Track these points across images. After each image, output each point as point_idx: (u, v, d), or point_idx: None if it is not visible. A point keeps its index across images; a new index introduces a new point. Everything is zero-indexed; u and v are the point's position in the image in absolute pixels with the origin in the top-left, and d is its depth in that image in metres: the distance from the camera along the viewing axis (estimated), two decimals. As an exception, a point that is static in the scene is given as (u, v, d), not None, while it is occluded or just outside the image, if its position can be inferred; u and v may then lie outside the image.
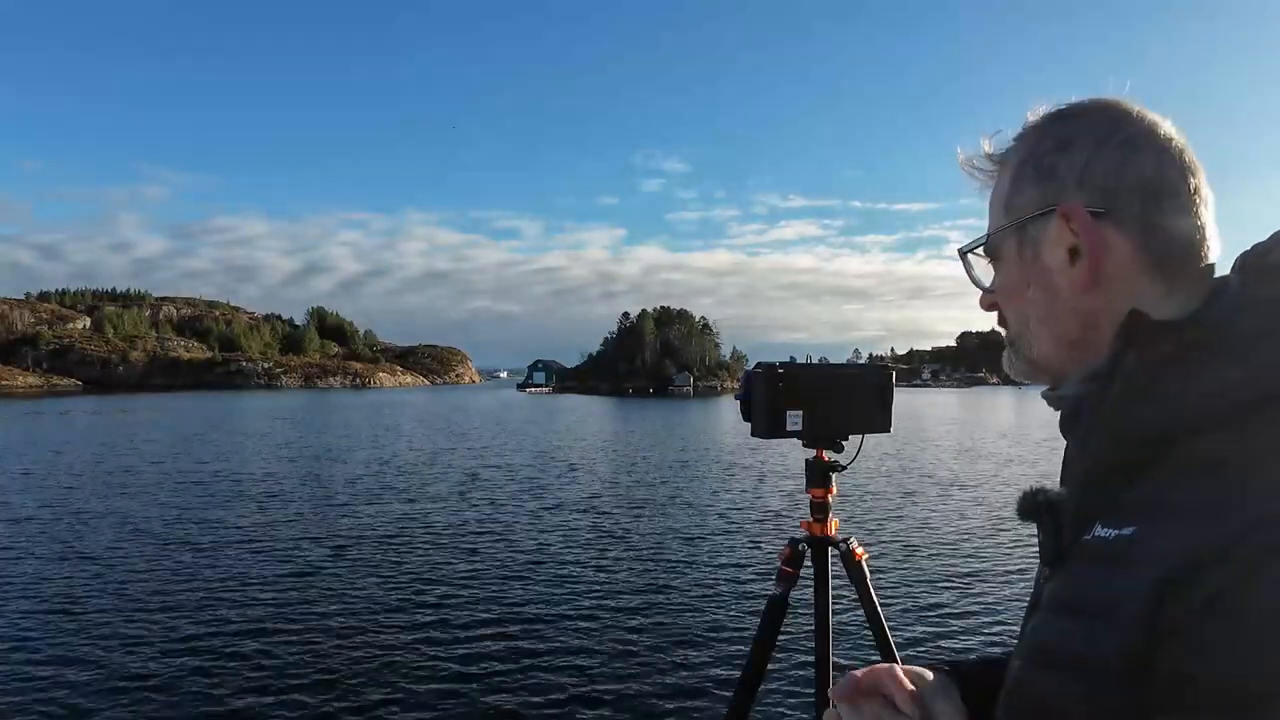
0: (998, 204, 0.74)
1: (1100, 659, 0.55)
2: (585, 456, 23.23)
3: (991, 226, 0.75)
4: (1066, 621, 0.60)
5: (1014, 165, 0.72)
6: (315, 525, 12.06)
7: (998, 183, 0.75)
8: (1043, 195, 0.69)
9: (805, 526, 2.17)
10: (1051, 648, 0.61)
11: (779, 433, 2.04)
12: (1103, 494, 0.62)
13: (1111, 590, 0.55)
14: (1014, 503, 0.72)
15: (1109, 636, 0.54)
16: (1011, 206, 0.72)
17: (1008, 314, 0.75)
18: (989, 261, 0.76)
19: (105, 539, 10.96)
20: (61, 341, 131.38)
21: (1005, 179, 0.73)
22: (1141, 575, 0.53)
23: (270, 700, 5.62)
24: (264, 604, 7.91)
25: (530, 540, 11.01)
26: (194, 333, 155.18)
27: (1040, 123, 0.72)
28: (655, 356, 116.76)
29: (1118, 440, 0.61)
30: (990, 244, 0.75)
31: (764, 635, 2.06)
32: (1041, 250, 0.69)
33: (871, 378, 2.19)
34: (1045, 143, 0.70)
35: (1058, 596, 0.63)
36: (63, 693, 5.72)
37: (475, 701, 5.64)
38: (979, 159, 0.76)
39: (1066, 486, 0.68)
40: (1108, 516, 0.60)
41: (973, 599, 8.11)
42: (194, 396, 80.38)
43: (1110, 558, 0.57)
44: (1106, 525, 0.60)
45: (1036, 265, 0.70)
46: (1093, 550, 0.60)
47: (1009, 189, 0.72)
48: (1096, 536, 0.60)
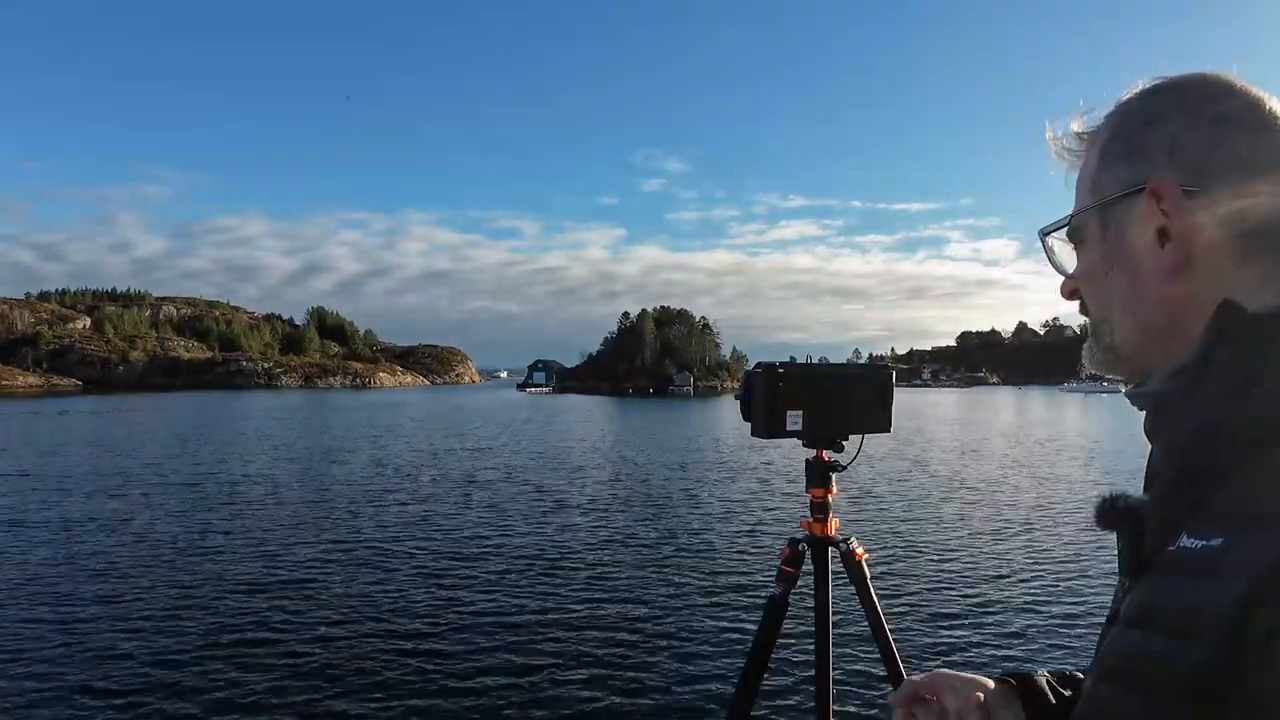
0: (1084, 184, 0.70)
1: (1178, 674, 0.51)
2: (585, 457, 23.23)
3: (1076, 207, 0.70)
4: (1144, 635, 0.56)
5: (1102, 142, 0.68)
6: (315, 525, 12.06)
7: (1085, 161, 0.70)
8: (1131, 173, 0.64)
9: (805, 526, 2.17)
10: (1126, 662, 0.57)
11: (779, 433, 2.04)
12: (1189, 502, 0.57)
13: (1195, 603, 0.52)
14: (1091, 509, 0.68)
15: (1189, 651, 0.51)
16: (1097, 186, 0.68)
17: (1089, 300, 0.71)
18: (1072, 246, 0.72)
19: (104, 539, 10.96)
20: (61, 341, 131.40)
21: (1093, 156, 0.69)
22: (1228, 587, 0.49)
23: (269, 700, 5.62)
24: (263, 604, 7.91)
25: (530, 540, 11.01)
26: (194, 333, 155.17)
27: (1132, 98, 0.68)
28: (655, 356, 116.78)
29: (1207, 443, 0.57)
30: (1073, 226, 0.71)
31: (764, 635, 2.05)
32: (1127, 231, 0.65)
33: (871, 378, 2.19)
34: (1135, 118, 0.66)
35: (1137, 609, 0.59)
36: (63, 693, 5.72)
37: (475, 701, 5.64)
38: (1068, 138, 0.72)
39: (1150, 493, 0.63)
40: (1194, 526, 0.56)
41: (973, 599, 8.11)
42: (194, 396, 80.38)
43: (1196, 569, 0.53)
44: (1193, 535, 0.55)
45: (1121, 247, 0.65)
46: (1177, 561, 0.56)
47: (1096, 167, 0.68)
48: (1182, 547, 0.56)
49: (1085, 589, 8.47)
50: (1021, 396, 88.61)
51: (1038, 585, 8.62)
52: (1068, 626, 7.22)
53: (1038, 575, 9.05)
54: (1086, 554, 10.06)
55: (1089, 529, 11.41)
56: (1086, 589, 8.46)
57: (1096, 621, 7.24)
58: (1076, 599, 8.10)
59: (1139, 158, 0.64)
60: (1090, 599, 8.08)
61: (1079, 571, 9.21)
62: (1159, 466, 0.62)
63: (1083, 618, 7.47)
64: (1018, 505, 13.97)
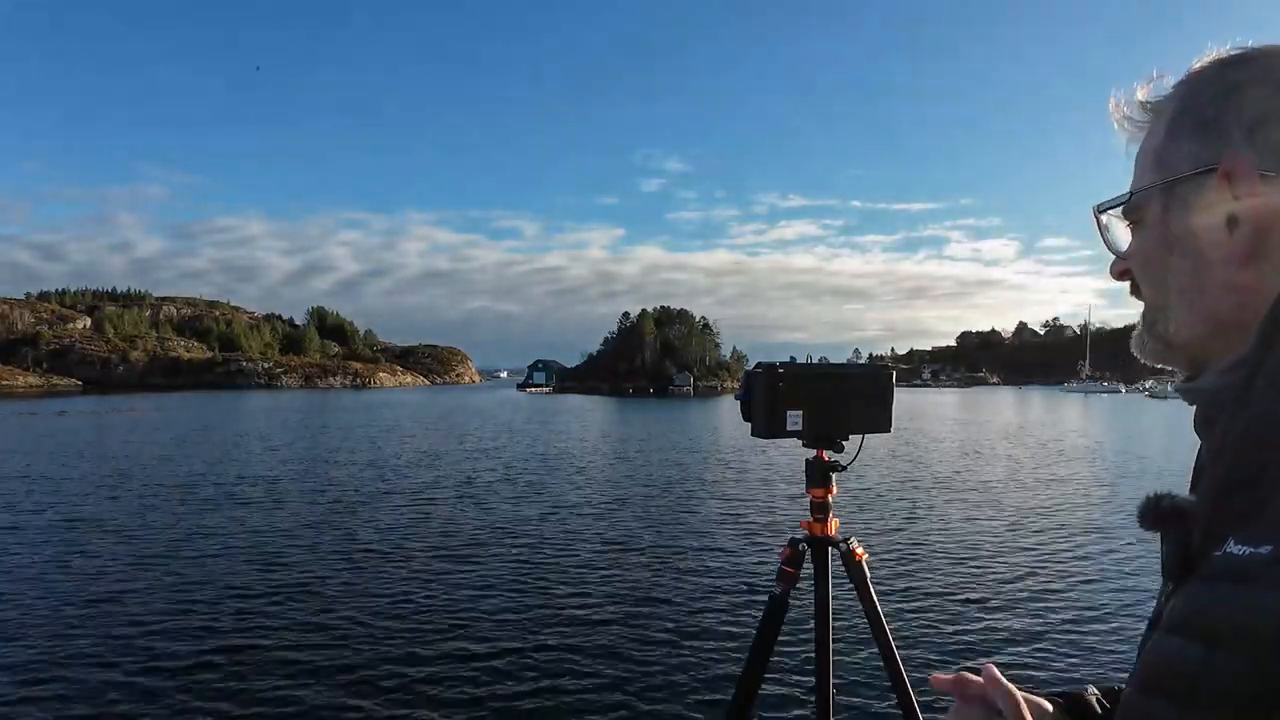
0: (1147, 158, 0.65)
1: (1217, 686, 0.49)
2: (585, 457, 23.24)
3: (1136, 183, 0.65)
4: (1185, 643, 0.53)
5: (1170, 115, 0.63)
6: (315, 525, 12.06)
7: (1149, 134, 0.65)
8: (1202, 150, 0.60)
9: (805, 526, 2.17)
10: (1166, 670, 0.54)
11: (779, 433, 2.04)
12: (1239, 505, 0.53)
13: (1238, 612, 0.49)
14: (1134, 508, 0.65)
15: (1231, 662, 0.48)
16: (1163, 162, 0.63)
17: (1144, 284, 0.66)
18: (1128, 224, 0.67)
19: (100, 541, 10.96)
20: (61, 341, 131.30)
21: (1160, 129, 0.64)
22: (1273, 598, 0.47)
23: (268, 700, 5.63)
24: (262, 604, 7.91)
25: (530, 540, 11.01)
26: (194, 333, 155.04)
27: (1205, 68, 0.62)
28: (655, 356, 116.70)
29: (1260, 444, 0.53)
30: (1133, 203, 0.66)
31: (764, 635, 2.06)
32: (1192, 214, 0.60)
33: (871, 378, 2.19)
34: (1209, 90, 0.61)
35: (1178, 615, 0.56)
36: (61, 693, 5.72)
37: (474, 700, 5.64)
38: (1131, 106, 0.67)
39: (1198, 494, 0.60)
40: (1243, 532, 0.52)
41: (974, 599, 8.11)
42: (194, 396, 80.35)
43: (1241, 577, 0.50)
44: (1241, 541, 0.52)
45: (1185, 230, 0.61)
46: (1223, 568, 0.52)
47: (1163, 140, 0.63)
48: (1228, 553, 0.52)
49: (1087, 589, 8.47)
50: (1021, 396, 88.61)
51: (1038, 585, 8.62)
52: (1068, 627, 7.21)
53: (1039, 575, 9.05)
54: (1089, 554, 10.07)
55: (1089, 529, 11.43)
56: (1088, 589, 8.46)
57: (1097, 622, 7.26)
58: (1078, 599, 8.10)
59: (1212, 134, 0.59)
60: (1091, 599, 8.09)
61: (1081, 572, 9.21)
62: (1208, 467, 0.58)
63: (1084, 618, 7.46)
64: (1018, 505, 13.97)
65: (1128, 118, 0.68)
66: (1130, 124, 0.67)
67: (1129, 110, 0.67)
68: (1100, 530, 11.62)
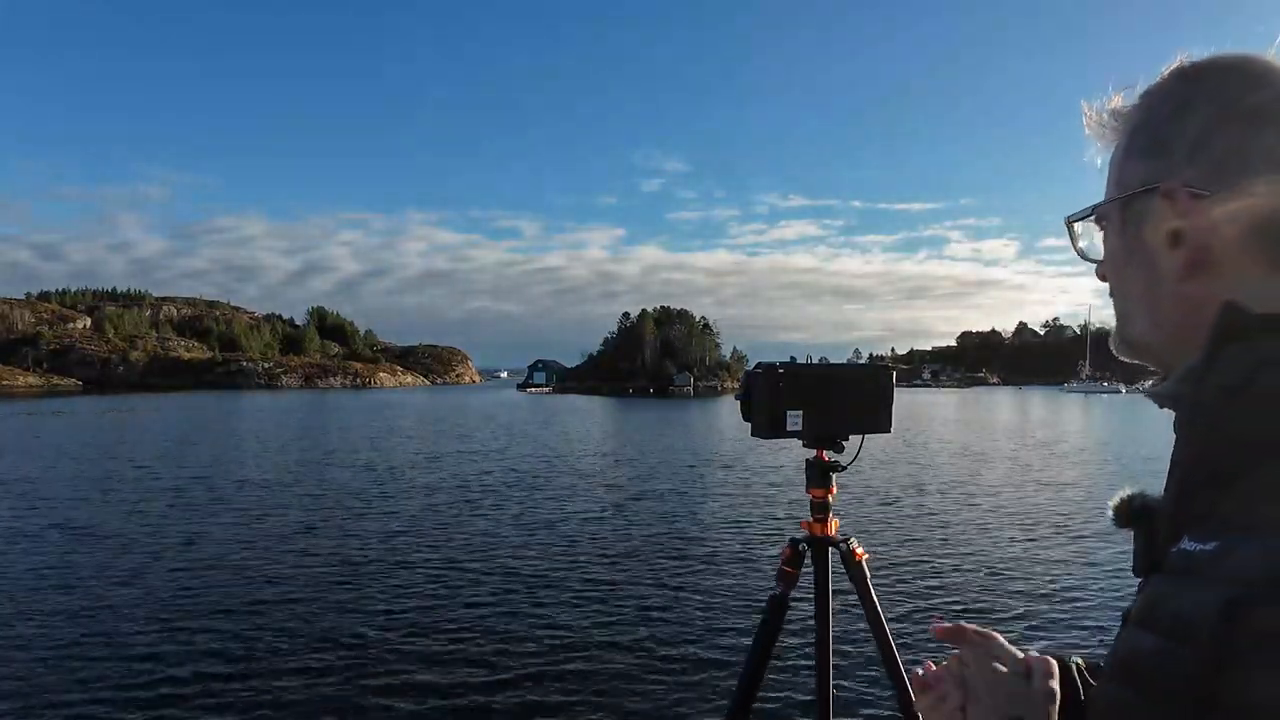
0: (1113, 169, 0.68)
1: (1171, 676, 0.51)
2: (585, 457, 23.23)
3: (1105, 197, 0.69)
4: (1144, 637, 0.55)
5: (1129, 129, 0.67)
6: (314, 526, 12.06)
7: (1117, 145, 0.68)
8: (1148, 171, 0.63)
9: (805, 526, 2.17)
10: (1130, 660, 0.57)
11: (779, 433, 2.04)
12: (1193, 504, 0.57)
13: (1185, 605, 0.51)
14: (1107, 508, 0.69)
15: (1179, 657, 0.50)
16: (1121, 178, 0.66)
17: (1113, 288, 0.70)
18: (1099, 230, 0.71)
19: (97, 542, 10.96)
20: (61, 341, 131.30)
21: (1123, 143, 0.67)
22: (1214, 593, 0.49)
23: (267, 701, 5.63)
24: (262, 603, 7.91)
25: (530, 540, 11.01)
26: (194, 333, 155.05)
27: (1163, 81, 0.65)
28: (655, 356, 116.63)
29: (1210, 446, 0.56)
30: (1098, 214, 0.70)
31: (764, 635, 2.05)
32: (1144, 228, 0.63)
33: (871, 378, 2.19)
34: (1162, 107, 0.64)
35: (1140, 610, 0.58)
36: (59, 693, 5.72)
37: (474, 700, 5.64)
38: (1105, 115, 0.69)
39: (1164, 494, 0.62)
40: (1195, 529, 0.55)
41: (974, 599, 8.12)
42: (194, 396, 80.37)
43: (1189, 571, 0.53)
44: (1193, 538, 0.55)
45: (1139, 243, 0.64)
46: (1177, 563, 0.55)
47: (1122, 156, 0.67)
48: (1182, 550, 0.55)
49: (1087, 589, 8.47)
50: (1021, 396, 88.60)
51: (1039, 585, 8.62)
52: (1069, 627, 7.22)
53: (1039, 575, 9.05)
54: (1089, 554, 10.06)
55: (1089, 530, 11.43)
56: (1089, 589, 8.46)
57: (1098, 622, 7.26)
58: (1078, 599, 8.10)
59: (1160, 154, 0.63)
60: (1092, 600, 8.09)
61: (1081, 572, 9.21)
62: (1171, 467, 0.61)
63: (1084, 618, 7.47)
64: (1018, 505, 13.96)
65: (1101, 125, 0.70)
66: (1109, 132, 0.70)
67: (1106, 119, 0.70)
68: (1100, 530, 11.61)
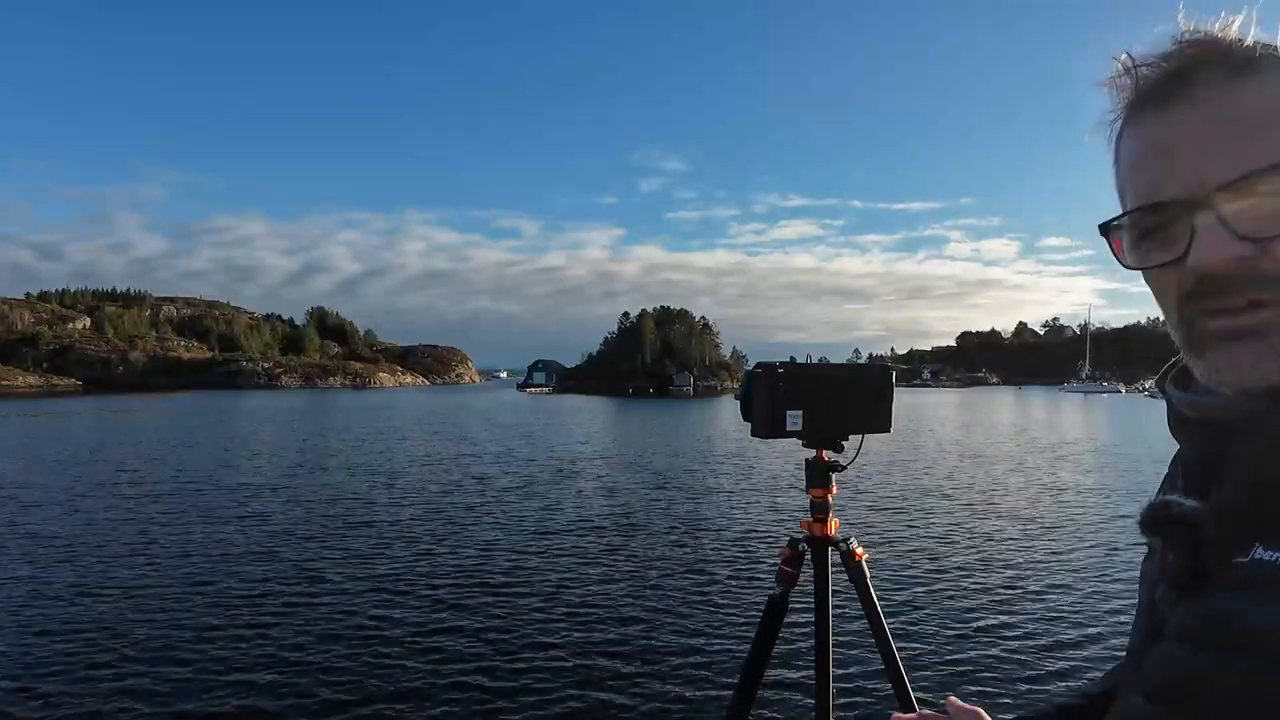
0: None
1: (1253, 704, 0.47)
2: (586, 457, 23.24)
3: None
4: (1225, 659, 0.51)
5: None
6: (314, 526, 12.07)
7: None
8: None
9: (805, 526, 2.17)
10: (1205, 688, 0.52)
11: (779, 433, 2.04)
12: (1266, 512, 0.53)
13: (1269, 618, 0.48)
14: (1137, 512, 0.64)
15: (1257, 670, 0.47)
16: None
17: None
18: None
19: (94, 544, 10.96)
20: (61, 341, 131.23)
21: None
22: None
23: (266, 701, 5.63)
24: (261, 604, 7.92)
25: (530, 540, 11.02)
26: (194, 333, 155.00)
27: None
28: (655, 356, 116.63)
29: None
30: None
31: (764, 635, 2.05)
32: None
33: (871, 378, 2.19)
34: None
35: (1204, 628, 0.54)
36: (61, 693, 5.72)
37: (473, 701, 5.64)
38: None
39: (1214, 502, 0.58)
40: (1271, 537, 0.51)
41: (974, 598, 8.12)
42: (194, 396, 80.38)
43: (1271, 583, 0.49)
44: (1271, 548, 0.51)
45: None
46: (1255, 576, 0.51)
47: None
48: (1258, 560, 0.51)
49: (1087, 589, 8.47)
50: (1021, 397, 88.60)
51: (1039, 585, 8.62)
52: (1070, 626, 7.22)
53: (1039, 575, 9.05)
54: (1089, 555, 10.07)
55: (1089, 530, 11.43)
56: (1089, 589, 8.46)
57: (1099, 621, 7.26)
58: (1078, 599, 8.10)
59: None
60: (1091, 598, 8.09)
61: (1081, 571, 9.21)
62: (1226, 472, 0.57)
63: (1084, 617, 7.47)
64: (1018, 505, 13.97)
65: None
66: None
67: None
68: (1100, 530, 11.62)
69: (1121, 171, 0.62)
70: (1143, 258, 0.60)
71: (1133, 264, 0.61)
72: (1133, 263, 0.61)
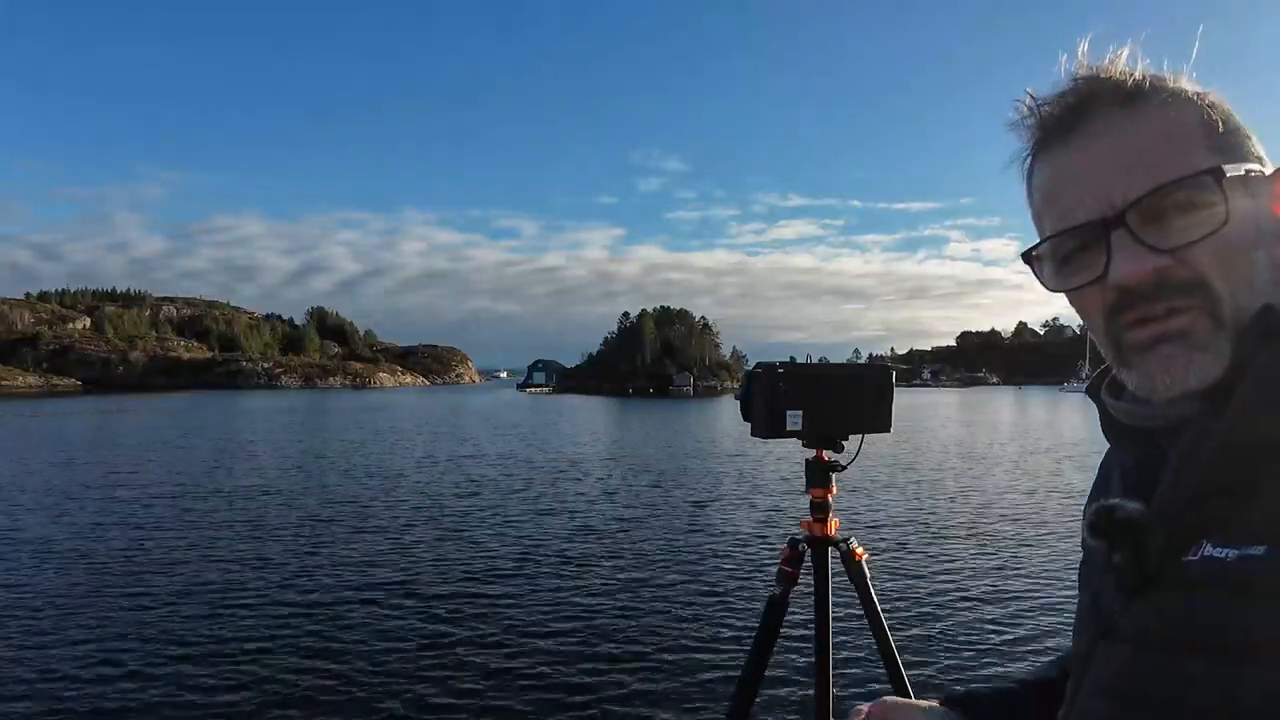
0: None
1: (1240, 702, 0.47)
2: (586, 457, 23.23)
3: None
4: (1181, 657, 0.51)
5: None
6: (314, 527, 12.06)
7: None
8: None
9: (805, 526, 2.17)
10: (1163, 689, 0.52)
11: (779, 433, 2.04)
12: (1212, 510, 0.54)
13: (1251, 622, 0.48)
14: (1082, 518, 0.66)
15: (1253, 676, 0.47)
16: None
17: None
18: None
19: (93, 546, 10.96)
20: (61, 341, 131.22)
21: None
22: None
23: (265, 702, 5.62)
24: (258, 605, 7.91)
25: (530, 540, 11.01)
26: (194, 333, 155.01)
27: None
28: (655, 356, 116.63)
29: (1240, 450, 0.53)
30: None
31: (764, 635, 2.05)
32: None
33: (871, 378, 2.18)
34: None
35: (1158, 626, 0.55)
36: (60, 693, 5.72)
37: (473, 701, 5.64)
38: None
39: (1160, 502, 0.59)
40: (1218, 535, 0.52)
41: (973, 598, 8.11)
42: (194, 396, 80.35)
43: (1238, 583, 0.49)
44: (1220, 545, 0.52)
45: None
46: (1205, 574, 0.52)
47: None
48: (1207, 557, 0.52)
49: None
50: (1021, 397, 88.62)
51: (1038, 585, 8.62)
52: (1068, 625, 7.21)
53: (1038, 575, 9.05)
54: (1086, 554, 10.05)
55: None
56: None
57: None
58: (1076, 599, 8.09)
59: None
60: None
61: (1079, 571, 9.20)
62: (1177, 474, 0.58)
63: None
64: (1019, 504, 13.96)
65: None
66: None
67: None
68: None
69: (1036, 202, 0.65)
70: (1065, 280, 0.63)
71: (1056, 287, 0.64)
72: (1056, 286, 0.64)
